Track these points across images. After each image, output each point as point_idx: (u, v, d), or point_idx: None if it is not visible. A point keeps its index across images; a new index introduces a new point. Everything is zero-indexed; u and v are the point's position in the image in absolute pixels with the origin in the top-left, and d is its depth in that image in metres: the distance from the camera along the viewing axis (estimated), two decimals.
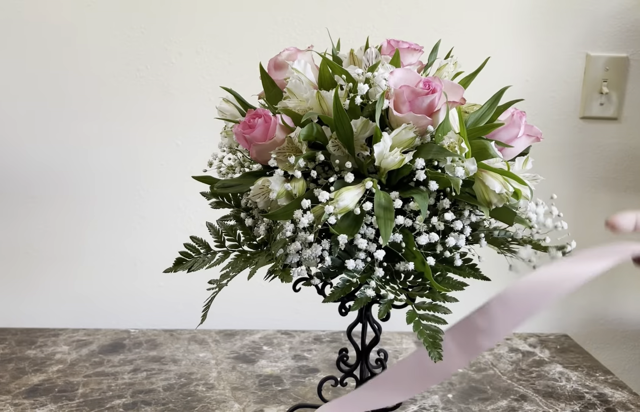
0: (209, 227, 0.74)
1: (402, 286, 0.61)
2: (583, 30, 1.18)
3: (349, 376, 0.77)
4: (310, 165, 0.59)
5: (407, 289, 0.61)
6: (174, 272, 0.73)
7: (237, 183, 0.67)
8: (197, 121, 1.18)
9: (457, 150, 0.57)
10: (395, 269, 0.61)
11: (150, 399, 0.95)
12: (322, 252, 0.59)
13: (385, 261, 0.59)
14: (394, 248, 0.58)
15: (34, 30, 1.13)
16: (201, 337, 1.17)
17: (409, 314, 0.57)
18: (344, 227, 0.56)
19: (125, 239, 1.23)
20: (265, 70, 0.69)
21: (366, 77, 0.61)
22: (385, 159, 0.57)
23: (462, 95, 0.63)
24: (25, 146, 1.18)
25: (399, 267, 0.60)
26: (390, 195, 0.56)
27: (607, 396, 0.98)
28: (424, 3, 1.15)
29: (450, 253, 0.61)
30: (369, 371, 0.77)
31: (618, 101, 1.20)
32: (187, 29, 1.14)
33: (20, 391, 0.97)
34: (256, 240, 0.68)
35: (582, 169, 1.23)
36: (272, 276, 0.64)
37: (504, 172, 0.58)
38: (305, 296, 1.26)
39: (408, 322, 0.57)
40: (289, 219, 0.58)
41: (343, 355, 0.79)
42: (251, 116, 0.63)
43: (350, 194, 0.56)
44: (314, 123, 0.60)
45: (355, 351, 0.77)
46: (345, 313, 0.70)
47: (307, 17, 1.15)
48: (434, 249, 0.60)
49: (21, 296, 1.25)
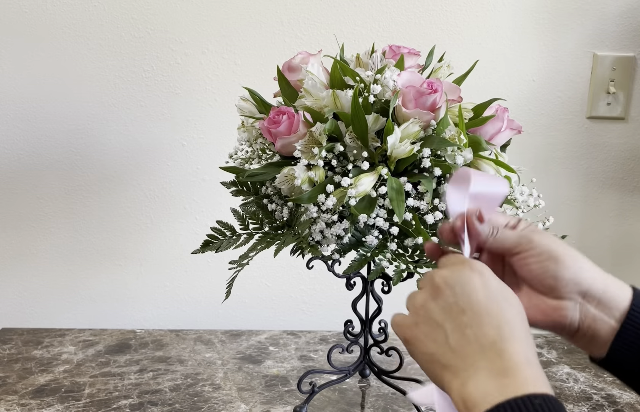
0: (234, 212, 0.83)
1: (410, 258, 0.72)
2: (590, 30, 1.17)
3: (354, 344, 0.88)
4: (329, 155, 0.68)
5: (416, 262, 0.71)
6: (202, 254, 0.81)
7: (262, 172, 0.75)
8: (203, 122, 1.18)
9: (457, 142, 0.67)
10: (404, 245, 0.71)
11: (157, 399, 0.95)
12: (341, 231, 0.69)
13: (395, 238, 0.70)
14: (405, 225, 0.68)
15: (40, 30, 1.13)
16: (207, 337, 1.17)
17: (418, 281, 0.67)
18: (361, 208, 0.66)
19: (131, 239, 1.23)
20: (282, 73, 0.77)
21: (375, 78, 0.70)
22: (397, 148, 0.66)
23: (459, 94, 0.73)
24: (30, 146, 1.18)
25: (408, 243, 0.70)
26: (400, 181, 0.66)
27: (615, 397, 0.98)
28: (430, 3, 1.15)
29: None
30: (372, 339, 0.88)
31: (625, 101, 1.19)
32: (193, 29, 1.15)
33: (26, 391, 0.97)
34: (277, 222, 0.77)
35: (588, 169, 1.23)
36: (299, 252, 0.73)
37: (496, 161, 0.68)
38: (311, 297, 1.26)
39: None
40: (312, 202, 0.67)
41: (349, 326, 0.89)
42: (275, 113, 0.71)
43: (368, 180, 0.66)
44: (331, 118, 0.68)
45: (360, 322, 0.88)
46: (352, 287, 0.82)
47: (313, 18, 1.14)
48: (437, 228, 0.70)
49: (27, 296, 1.25)
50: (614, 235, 1.26)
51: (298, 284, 1.26)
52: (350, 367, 0.89)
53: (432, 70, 0.80)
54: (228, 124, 1.17)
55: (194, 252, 0.83)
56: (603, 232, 1.25)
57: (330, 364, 0.88)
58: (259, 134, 0.80)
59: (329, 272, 0.79)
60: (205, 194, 1.21)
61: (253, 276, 1.23)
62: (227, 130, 1.17)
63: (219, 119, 1.18)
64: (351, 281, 0.82)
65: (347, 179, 0.65)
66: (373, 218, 0.68)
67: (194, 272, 1.24)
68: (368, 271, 0.82)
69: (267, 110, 0.78)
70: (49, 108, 1.17)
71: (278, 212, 0.76)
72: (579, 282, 0.51)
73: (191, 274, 1.25)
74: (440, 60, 0.81)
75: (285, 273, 1.25)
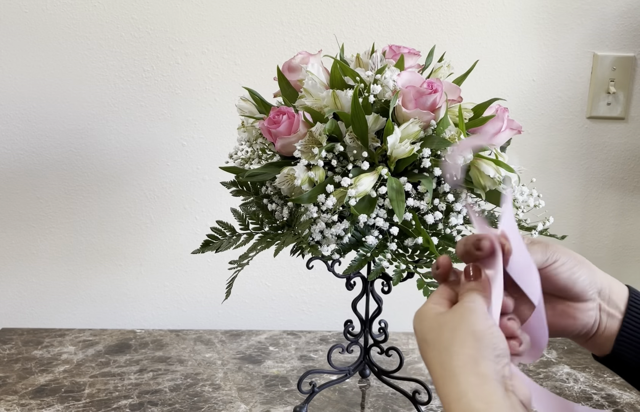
0: (234, 212, 0.83)
1: (410, 258, 0.72)
2: (590, 30, 1.17)
3: (354, 344, 0.88)
4: (329, 155, 0.68)
5: (416, 262, 0.72)
6: (202, 254, 0.81)
7: (262, 172, 0.75)
8: (203, 122, 1.18)
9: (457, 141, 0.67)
10: (404, 245, 0.71)
11: (157, 399, 0.95)
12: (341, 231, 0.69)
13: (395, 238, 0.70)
14: (405, 225, 0.68)
15: (40, 30, 1.14)
16: (207, 337, 1.17)
17: (418, 281, 0.69)
18: (361, 208, 0.66)
19: (131, 239, 1.23)
20: (282, 73, 0.77)
21: (375, 79, 0.70)
22: (397, 148, 0.66)
23: (459, 94, 0.73)
24: (31, 146, 1.18)
25: (408, 243, 0.70)
26: (400, 181, 0.66)
27: (616, 397, 0.98)
28: (430, 3, 1.15)
29: (450, 230, 0.72)
30: (372, 339, 0.88)
31: (625, 101, 1.19)
32: (193, 29, 1.15)
33: (26, 391, 0.97)
34: (277, 222, 0.77)
35: (588, 169, 1.23)
36: (299, 252, 0.73)
37: (496, 161, 0.68)
38: (311, 297, 1.26)
39: (418, 288, 0.68)
40: (312, 202, 0.66)
41: (349, 326, 0.90)
42: (275, 113, 0.71)
43: (368, 180, 0.66)
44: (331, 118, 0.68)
45: (360, 322, 0.88)
46: (352, 287, 0.82)
47: (313, 18, 1.14)
48: (436, 228, 0.72)
49: (27, 296, 1.25)
50: (614, 235, 1.26)
51: (298, 284, 1.26)
52: (350, 367, 0.90)
53: (432, 70, 0.80)
54: (228, 124, 1.17)
55: (194, 252, 0.83)
56: (603, 232, 1.25)
57: (330, 364, 0.89)
58: (259, 134, 0.80)
59: (329, 272, 0.79)
60: (205, 194, 1.21)
61: (253, 276, 1.23)
62: (227, 130, 1.17)
63: (219, 119, 1.18)
64: (351, 281, 0.82)
65: (347, 179, 0.65)
66: (373, 218, 0.68)
67: (194, 272, 1.24)
68: (368, 271, 0.83)
69: (267, 110, 0.78)
70: (49, 108, 1.17)
71: (278, 212, 0.76)
72: (595, 282, 0.55)
73: (191, 274, 1.25)
74: (440, 60, 0.81)
75: (285, 273, 1.25)
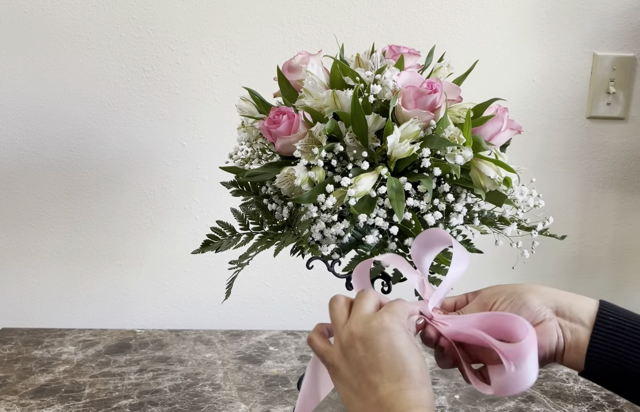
0: (234, 212, 0.82)
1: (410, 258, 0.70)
2: (590, 30, 1.17)
3: None
4: (329, 155, 0.68)
5: None
6: (202, 254, 0.80)
7: (262, 172, 0.74)
8: (203, 122, 1.18)
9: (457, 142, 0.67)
10: (404, 245, 0.70)
11: (157, 399, 0.95)
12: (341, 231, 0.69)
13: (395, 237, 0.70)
14: (404, 225, 0.69)
15: (40, 30, 1.14)
16: (207, 337, 1.17)
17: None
18: (361, 208, 0.66)
19: (131, 239, 1.23)
20: (282, 73, 0.77)
21: (375, 79, 0.70)
22: (397, 148, 0.66)
23: (459, 94, 0.73)
24: (31, 146, 1.18)
25: (407, 243, 0.69)
26: (399, 181, 0.67)
27: (615, 397, 0.97)
28: (429, 3, 1.15)
29: (450, 230, 0.72)
30: None
31: (625, 101, 1.19)
32: (193, 29, 1.15)
33: (27, 391, 0.97)
34: (277, 222, 0.77)
35: (588, 169, 1.23)
36: (299, 252, 0.73)
37: (496, 161, 0.68)
38: (311, 297, 1.26)
39: None
40: (312, 202, 0.67)
41: None
42: (275, 113, 0.71)
43: (367, 180, 0.66)
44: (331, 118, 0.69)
45: None
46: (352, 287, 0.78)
47: (313, 18, 1.14)
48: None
49: (27, 296, 1.25)
50: (614, 235, 1.26)
51: (298, 284, 1.26)
52: None
53: (432, 70, 0.80)
54: (228, 124, 1.17)
55: (194, 252, 0.83)
56: (603, 232, 1.25)
57: None
58: (259, 134, 0.80)
59: (329, 272, 0.79)
60: (205, 194, 1.21)
61: (253, 276, 1.23)
62: (227, 130, 1.17)
63: (219, 119, 1.18)
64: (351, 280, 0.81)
65: (347, 179, 0.66)
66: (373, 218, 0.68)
67: (194, 272, 1.24)
68: None
69: (267, 110, 0.78)
70: (49, 108, 1.17)
71: (278, 212, 0.76)
72: (547, 303, 0.58)
73: (191, 274, 1.25)
74: (440, 60, 0.81)
75: (285, 273, 1.25)
